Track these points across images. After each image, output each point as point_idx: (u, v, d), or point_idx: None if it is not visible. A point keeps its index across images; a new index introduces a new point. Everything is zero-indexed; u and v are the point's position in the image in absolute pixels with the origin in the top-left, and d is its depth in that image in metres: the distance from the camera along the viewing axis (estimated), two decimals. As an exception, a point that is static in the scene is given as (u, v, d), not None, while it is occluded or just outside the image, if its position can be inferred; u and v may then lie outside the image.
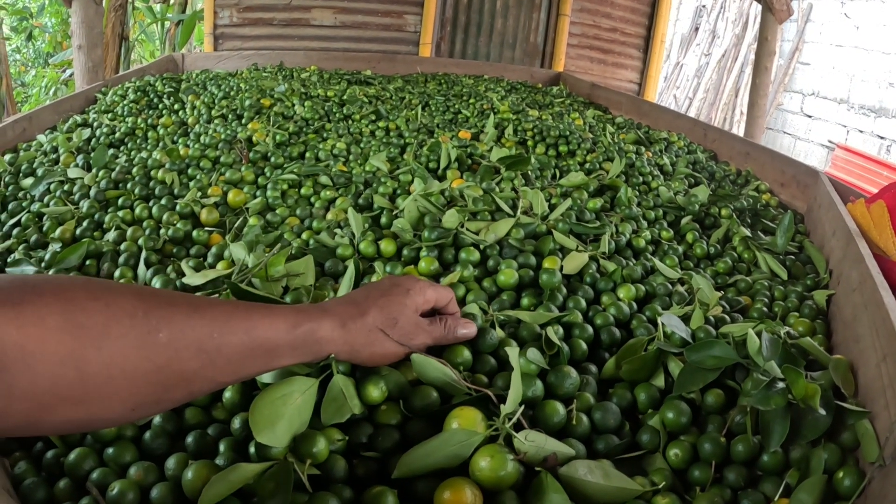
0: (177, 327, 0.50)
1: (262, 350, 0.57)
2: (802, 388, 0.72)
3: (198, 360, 0.52)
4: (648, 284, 1.11)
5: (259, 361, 0.57)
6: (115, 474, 0.65)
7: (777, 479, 0.71)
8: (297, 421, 0.64)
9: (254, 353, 0.56)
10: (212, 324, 0.53)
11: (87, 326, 0.45)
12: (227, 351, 0.54)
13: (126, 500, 0.61)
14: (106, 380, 0.46)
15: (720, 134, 2.30)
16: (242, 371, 0.57)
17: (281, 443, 0.62)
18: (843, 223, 1.28)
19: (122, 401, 0.48)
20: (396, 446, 0.67)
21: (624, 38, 4.46)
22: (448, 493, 0.58)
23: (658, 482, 0.67)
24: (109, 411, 0.48)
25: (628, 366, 0.84)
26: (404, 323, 0.68)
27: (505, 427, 0.63)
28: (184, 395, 0.53)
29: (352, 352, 0.65)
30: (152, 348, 0.48)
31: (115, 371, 0.46)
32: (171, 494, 0.63)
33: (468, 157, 1.71)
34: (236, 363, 0.55)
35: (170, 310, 0.51)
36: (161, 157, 1.61)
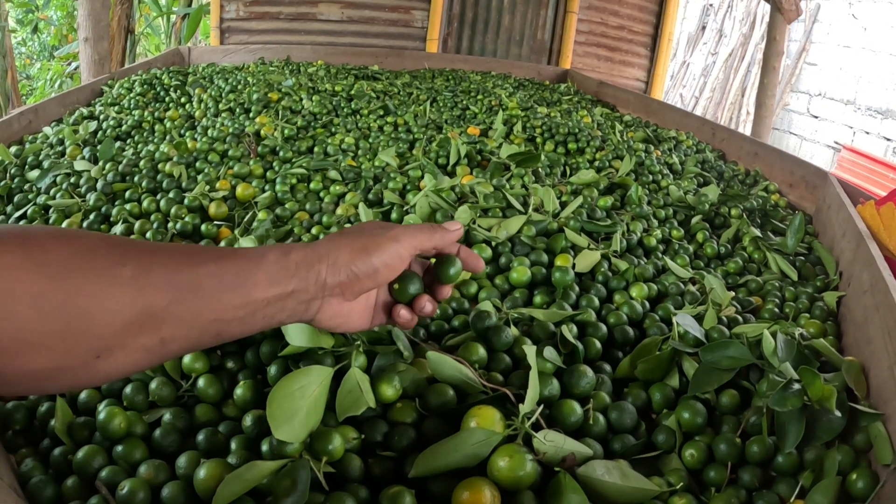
0: (143, 261, 0.47)
1: (243, 284, 0.52)
2: (819, 389, 0.72)
3: (166, 295, 0.47)
4: (660, 284, 1.11)
5: (243, 300, 0.52)
6: (125, 472, 0.64)
7: (791, 481, 0.71)
8: (314, 414, 0.63)
9: (233, 285, 0.51)
10: (180, 256, 0.49)
11: (45, 263, 0.43)
12: (198, 281, 0.49)
13: (137, 499, 0.60)
14: (66, 319, 0.43)
15: (728, 133, 2.29)
16: (219, 308, 0.50)
17: (298, 437, 0.61)
18: (854, 225, 1.27)
19: (84, 344, 0.44)
20: (412, 445, 0.66)
21: (631, 36, 4.45)
22: (467, 493, 0.57)
23: (675, 483, 0.67)
24: (72, 357, 0.44)
25: (643, 365, 0.83)
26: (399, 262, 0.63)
27: (524, 427, 0.63)
28: (154, 342, 0.48)
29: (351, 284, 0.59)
30: (114, 282, 0.45)
31: (75, 309, 0.44)
32: (182, 493, 0.62)
33: (477, 154, 1.70)
34: (209, 297, 0.50)
35: (135, 246, 0.48)
36: (169, 150, 1.61)
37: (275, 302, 0.54)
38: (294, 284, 0.55)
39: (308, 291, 0.56)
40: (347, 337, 0.77)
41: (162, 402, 0.74)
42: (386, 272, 0.60)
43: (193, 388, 0.76)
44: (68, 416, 0.70)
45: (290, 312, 0.56)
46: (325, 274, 0.56)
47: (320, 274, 0.56)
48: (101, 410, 0.69)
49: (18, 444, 0.71)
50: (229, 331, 0.52)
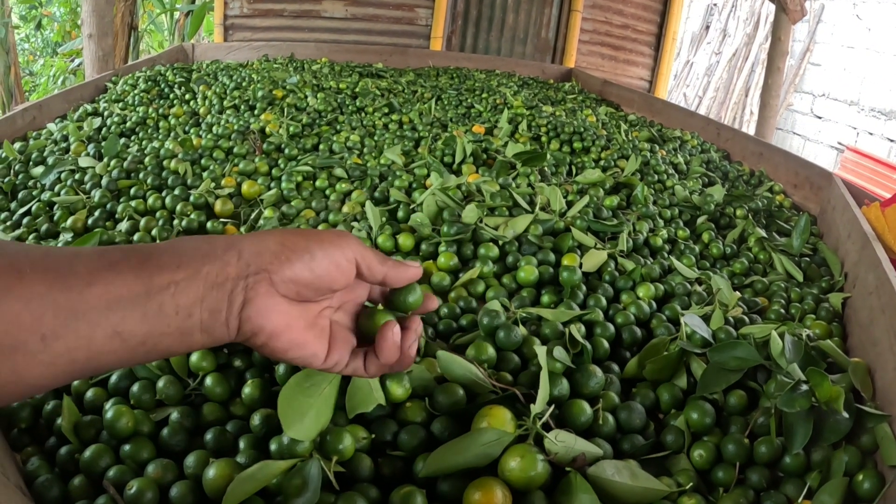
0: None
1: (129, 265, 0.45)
2: (827, 390, 0.72)
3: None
4: (667, 284, 1.11)
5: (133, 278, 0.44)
6: (133, 472, 0.64)
7: (798, 481, 0.71)
8: (324, 413, 0.62)
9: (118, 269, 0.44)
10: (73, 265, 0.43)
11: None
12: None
13: (145, 498, 0.59)
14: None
15: (733, 133, 2.29)
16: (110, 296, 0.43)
17: (309, 436, 0.60)
18: (859, 226, 1.27)
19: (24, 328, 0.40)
20: (422, 445, 0.66)
21: (635, 35, 4.44)
22: (478, 494, 0.57)
23: (684, 483, 0.67)
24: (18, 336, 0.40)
25: (652, 365, 0.83)
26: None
27: (535, 427, 0.63)
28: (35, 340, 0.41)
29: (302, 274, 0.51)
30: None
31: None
32: (191, 493, 0.61)
33: (483, 152, 1.70)
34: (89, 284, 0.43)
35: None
36: (174, 147, 1.61)
37: (184, 287, 0.45)
38: (206, 265, 0.47)
39: (225, 273, 0.47)
40: None
41: (169, 401, 0.74)
42: (326, 266, 0.51)
43: (201, 386, 0.76)
44: (75, 415, 0.70)
45: (211, 306, 0.47)
46: (247, 253, 0.48)
47: (240, 252, 0.48)
48: (108, 409, 0.68)
49: (24, 442, 0.70)
50: (131, 328, 0.44)
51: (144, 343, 0.44)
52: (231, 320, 0.47)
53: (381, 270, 0.55)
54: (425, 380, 0.72)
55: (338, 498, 0.58)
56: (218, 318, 0.47)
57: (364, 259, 0.53)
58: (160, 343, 0.45)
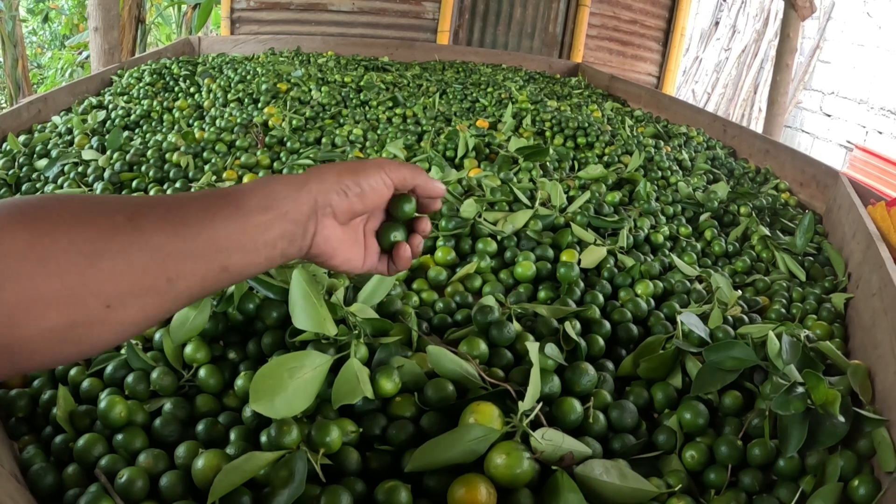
0: (133, 205, 0.47)
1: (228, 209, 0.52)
2: (823, 393, 0.71)
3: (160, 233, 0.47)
4: (666, 281, 1.10)
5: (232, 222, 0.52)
6: (125, 461, 0.64)
7: (792, 485, 0.70)
8: (301, 396, 0.62)
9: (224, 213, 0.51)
10: (167, 200, 0.49)
11: (39, 219, 0.43)
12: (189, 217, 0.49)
13: (135, 487, 0.60)
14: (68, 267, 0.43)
15: (740, 130, 2.27)
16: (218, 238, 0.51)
17: (277, 414, 0.61)
18: (864, 226, 1.26)
19: (93, 294, 0.44)
20: (411, 439, 0.66)
21: (644, 31, 4.41)
22: (462, 490, 0.57)
23: (674, 484, 0.66)
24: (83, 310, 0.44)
25: (646, 364, 0.82)
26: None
27: (522, 425, 0.62)
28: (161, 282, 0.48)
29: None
30: (110, 227, 0.45)
31: (76, 256, 0.43)
32: (180, 483, 0.61)
33: (486, 147, 1.70)
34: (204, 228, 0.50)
35: (123, 198, 0.48)
36: (176, 140, 1.61)
37: (271, 225, 0.54)
38: (286, 205, 0.55)
39: (301, 211, 0.56)
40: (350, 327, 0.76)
41: (163, 392, 0.74)
42: (372, 196, 0.61)
43: (195, 378, 0.76)
44: (70, 405, 0.70)
45: (290, 237, 0.55)
46: (315, 192, 0.57)
47: (310, 192, 0.57)
48: (102, 399, 0.69)
49: (21, 431, 0.71)
50: (234, 263, 0.51)
51: (242, 272, 0.53)
52: (303, 246, 0.57)
53: (412, 182, 0.65)
54: (416, 375, 0.72)
55: (323, 491, 0.58)
56: (294, 244, 0.56)
57: (401, 177, 0.64)
58: (252, 269, 0.54)
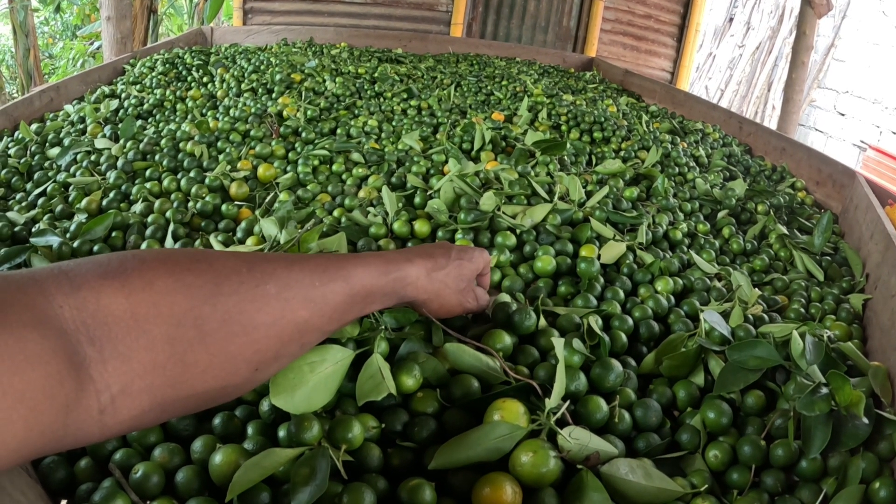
0: (281, 279, 0.50)
1: (359, 296, 0.58)
2: (847, 395, 0.70)
3: (306, 309, 0.51)
4: (686, 279, 1.08)
5: (357, 307, 0.58)
6: (139, 455, 0.63)
7: (814, 486, 0.69)
8: (321, 391, 0.62)
9: (353, 300, 0.57)
10: (312, 274, 0.53)
11: (196, 285, 0.43)
12: (330, 298, 0.54)
13: (150, 482, 0.59)
14: (227, 337, 0.45)
15: (756, 128, 2.25)
16: (344, 318, 0.57)
17: (297, 409, 0.60)
18: (882, 226, 1.24)
19: (245, 360, 0.46)
20: (433, 436, 0.65)
21: (658, 26, 4.38)
22: (488, 489, 0.55)
23: (698, 484, 0.65)
24: (236, 375, 0.46)
25: (669, 362, 0.81)
26: (466, 286, 0.73)
27: (549, 422, 0.61)
28: (297, 349, 0.53)
29: (428, 300, 0.67)
30: (263, 300, 0.47)
31: (234, 327, 0.45)
32: (196, 478, 0.60)
33: (502, 140, 1.68)
34: (339, 310, 0.55)
35: (270, 265, 0.51)
36: (190, 130, 1.60)
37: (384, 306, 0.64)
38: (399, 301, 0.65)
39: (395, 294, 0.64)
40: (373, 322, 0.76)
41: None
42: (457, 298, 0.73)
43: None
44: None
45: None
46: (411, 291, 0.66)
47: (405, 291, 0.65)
48: None
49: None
50: (342, 326, 0.59)
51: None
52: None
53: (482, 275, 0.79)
54: (438, 370, 0.71)
55: (345, 488, 0.57)
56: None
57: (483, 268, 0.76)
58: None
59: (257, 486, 0.58)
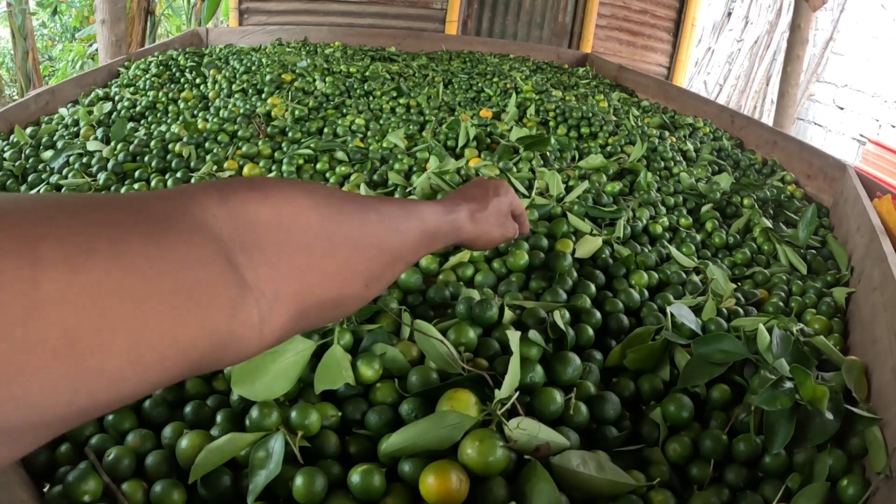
0: (380, 211, 0.55)
1: (429, 233, 0.62)
2: (810, 389, 0.69)
3: (397, 239, 0.56)
4: (662, 272, 1.08)
5: (425, 244, 0.62)
6: (114, 440, 0.66)
7: (778, 482, 0.69)
8: (282, 380, 0.64)
9: (424, 236, 0.61)
10: (398, 210, 0.57)
11: (325, 205, 0.48)
12: (411, 233, 0.59)
13: (122, 465, 0.62)
14: (348, 251, 0.49)
15: (747, 121, 2.25)
16: (417, 253, 0.61)
17: (258, 397, 0.62)
18: (868, 219, 1.23)
19: (360, 274, 0.50)
20: (389, 425, 0.66)
21: (654, 21, 4.37)
22: (433, 477, 0.57)
23: (654, 477, 0.65)
24: (354, 285, 0.50)
25: (633, 355, 0.81)
26: (505, 218, 0.78)
27: (497, 413, 0.62)
28: (390, 275, 0.56)
29: (475, 238, 0.71)
30: (371, 225, 0.52)
31: (353, 244, 0.50)
32: (165, 462, 0.63)
33: (487, 136, 1.69)
34: (416, 244, 0.60)
35: (370, 199, 0.56)
36: (179, 131, 1.61)
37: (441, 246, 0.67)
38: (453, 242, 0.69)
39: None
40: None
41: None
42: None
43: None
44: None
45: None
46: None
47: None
48: None
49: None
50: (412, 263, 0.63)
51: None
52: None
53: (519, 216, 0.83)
54: (399, 362, 0.72)
55: (298, 471, 0.58)
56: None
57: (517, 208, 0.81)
58: None
59: (220, 470, 0.60)
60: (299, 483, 0.57)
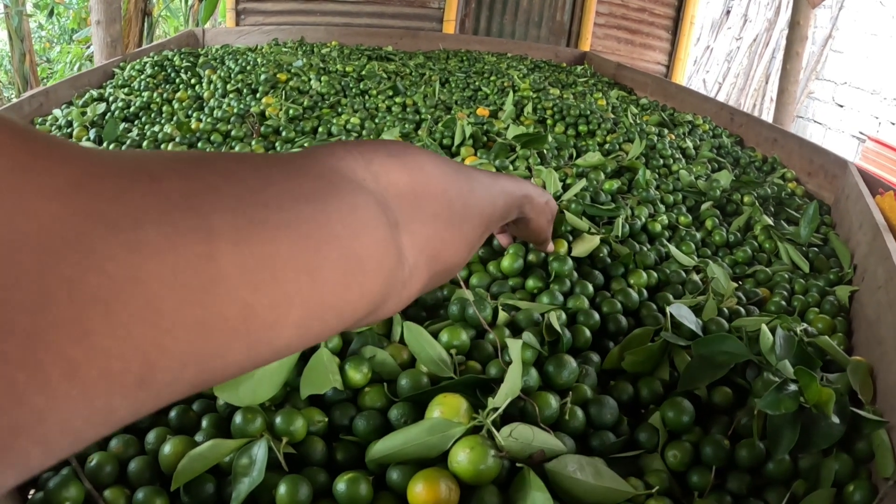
0: (479, 180, 0.55)
1: (510, 203, 0.62)
2: (816, 392, 0.66)
3: (491, 209, 0.56)
4: (661, 272, 1.06)
5: (507, 213, 0.62)
6: (97, 446, 0.65)
7: (783, 489, 0.66)
8: (266, 385, 0.62)
9: (507, 206, 0.61)
10: (489, 181, 0.57)
11: (448, 173, 0.48)
12: (500, 203, 0.58)
13: (103, 472, 0.61)
14: (463, 221, 0.49)
15: (747, 119, 2.23)
16: (502, 222, 0.62)
17: (242, 402, 0.61)
18: (871, 216, 1.21)
19: (468, 243, 0.51)
20: (378, 431, 0.64)
21: (652, 19, 4.36)
22: (421, 486, 0.54)
23: (653, 485, 0.63)
24: (463, 253, 0.50)
25: (632, 357, 0.78)
26: (551, 216, 0.77)
27: (486, 421, 0.60)
28: (481, 243, 0.56)
29: (537, 216, 0.71)
30: (475, 193, 0.53)
31: (467, 213, 0.50)
32: (148, 469, 0.62)
33: (484, 135, 1.67)
34: (503, 214, 0.60)
35: (469, 169, 0.55)
36: (172, 131, 1.59)
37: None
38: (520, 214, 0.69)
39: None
40: None
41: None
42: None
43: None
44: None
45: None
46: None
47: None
48: None
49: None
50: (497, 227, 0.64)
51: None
52: None
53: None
54: (390, 366, 0.70)
55: (282, 479, 0.57)
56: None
57: None
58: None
59: (203, 477, 0.59)
60: (283, 491, 0.55)
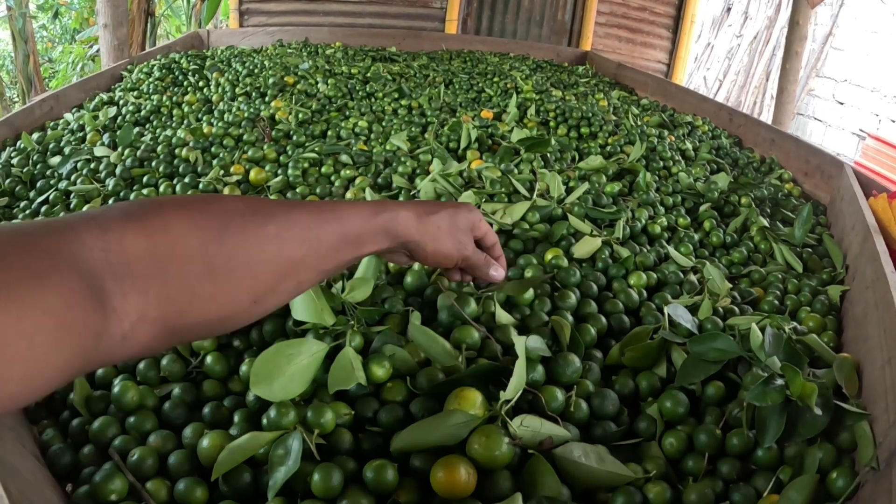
0: (281, 221, 0.56)
1: (351, 236, 0.62)
2: (800, 386, 0.72)
3: (302, 249, 0.57)
4: (660, 272, 1.11)
5: (349, 248, 0.62)
6: (136, 441, 0.69)
7: (770, 475, 0.72)
8: (297, 381, 0.68)
9: (346, 240, 0.61)
10: (308, 216, 0.58)
11: (206, 227, 0.50)
12: (324, 238, 0.59)
13: (146, 465, 0.65)
14: (230, 272, 0.51)
15: (746, 119, 2.27)
16: (339, 258, 0.61)
17: (275, 397, 0.66)
18: (863, 217, 1.25)
19: (245, 292, 0.53)
20: (400, 422, 0.70)
21: (653, 18, 4.40)
22: (443, 471, 0.60)
23: (650, 470, 0.69)
24: (236, 304, 0.52)
25: (631, 353, 0.85)
26: (463, 234, 0.75)
27: (501, 412, 0.66)
28: (293, 286, 0.57)
29: (422, 241, 0.70)
30: (264, 240, 0.54)
31: (237, 263, 0.51)
32: (187, 461, 0.67)
33: (489, 138, 1.71)
34: (332, 249, 0.60)
35: (272, 207, 0.57)
36: (185, 136, 1.64)
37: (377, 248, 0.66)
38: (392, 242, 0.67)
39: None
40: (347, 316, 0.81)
41: (172, 378, 0.80)
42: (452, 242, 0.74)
43: (202, 364, 0.81)
44: (86, 390, 0.76)
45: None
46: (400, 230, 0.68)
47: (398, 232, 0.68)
48: (116, 384, 0.75)
49: (40, 415, 0.76)
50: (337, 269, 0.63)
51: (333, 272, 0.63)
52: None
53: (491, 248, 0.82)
54: (408, 362, 0.76)
55: (316, 468, 0.62)
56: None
57: (486, 235, 0.79)
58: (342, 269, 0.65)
59: (240, 467, 0.64)
60: (317, 478, 0.61)
